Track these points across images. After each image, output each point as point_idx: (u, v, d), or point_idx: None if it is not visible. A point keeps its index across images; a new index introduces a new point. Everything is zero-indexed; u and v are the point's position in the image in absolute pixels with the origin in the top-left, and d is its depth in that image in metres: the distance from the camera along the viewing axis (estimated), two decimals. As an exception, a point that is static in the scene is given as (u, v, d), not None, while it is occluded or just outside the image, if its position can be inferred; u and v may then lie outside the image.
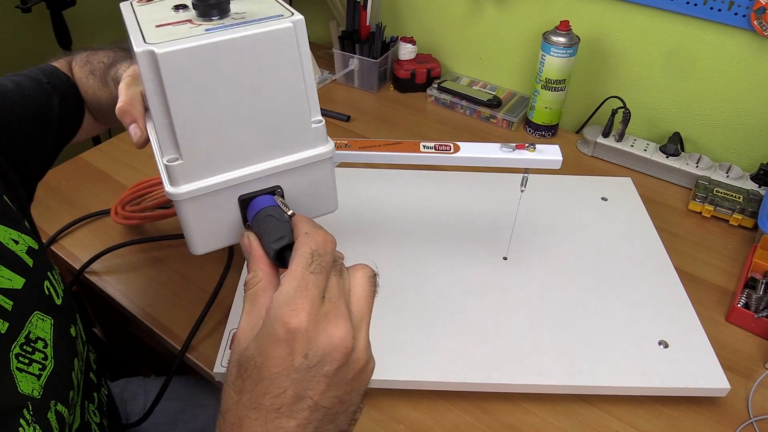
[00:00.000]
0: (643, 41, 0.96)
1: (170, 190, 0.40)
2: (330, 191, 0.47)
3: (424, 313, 0.68)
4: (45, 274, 0.49)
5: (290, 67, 0.40)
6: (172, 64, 0.36)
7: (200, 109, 0.39)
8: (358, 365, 0.34)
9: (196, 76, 0.37)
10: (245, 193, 0.42)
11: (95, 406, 0.57)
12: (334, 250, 0.36)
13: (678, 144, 0.95)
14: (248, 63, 0.38)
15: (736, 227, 0.86)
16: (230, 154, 0.41)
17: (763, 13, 0.82)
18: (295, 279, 0.33)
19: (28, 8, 1.27)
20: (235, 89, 0.39)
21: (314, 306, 0.33)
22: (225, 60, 0.38)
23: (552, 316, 0.68)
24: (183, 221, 0.43)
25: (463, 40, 1.16)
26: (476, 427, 0.60)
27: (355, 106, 1.13)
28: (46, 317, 0.47)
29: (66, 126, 0.65)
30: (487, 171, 0.88)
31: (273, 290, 0.36)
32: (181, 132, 0.39)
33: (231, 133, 0.40)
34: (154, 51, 0.36)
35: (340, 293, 0.35)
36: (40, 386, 0.44)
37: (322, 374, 0.33)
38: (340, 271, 0.36)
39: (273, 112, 0.41)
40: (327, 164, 0.45)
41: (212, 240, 0.44)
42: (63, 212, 0.85)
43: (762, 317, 0.69)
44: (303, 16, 0.40)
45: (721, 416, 0.62)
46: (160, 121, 0.39)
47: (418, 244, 0.77)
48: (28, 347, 0.44)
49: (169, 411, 0.75)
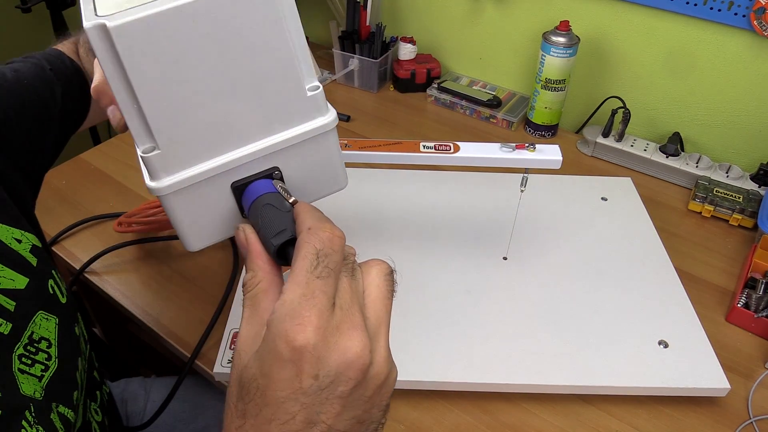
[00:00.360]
0: (643, 41, 0.96)
1: (151, 185, 0.36)
2: (336, 167, 0.40)
3: (424, 313, 0.68)
4: (49, 272, 0.49)
5: (272, 25, 0.33)
6: (129, 39, 0.31)
7: (171, 87, 0.33)
8: (377, 380, 0.30)
9: (160, 48, 0.31)
10: (238, 179, 0.37)
11: (98, 405, 0.57)
12: (342, 247, 0.31)
13: (678, 144, 0.95)
14: (221, 26, 0.32)
15: (736, 227, 0.86)
16: (214, 137, 0.35)
17: (762, 13, 0.82)
18: (299, 286, 0.29)
19: (28, 8, 1.27)
20: (209, 59, 0.33)
21: (323, 317, 0.28)
22: (192, 25, 0.32)
23: (552, 316, 0.68)
24: (171, 217, 0.38)
25: (463, 40, 1.16)
26: (476, 427, 0.60)
27: (355, 106, 1.13)
28: (50, 316, 0.46)
29: (69, 118, 0.61)
30: (487, 171, 0.88)
31: (276, 292, 0.32)
32: (153, 117, 0.33)
33: (212, 111, 0.34)
34: (105, 24, 0.30)
35: (353, 298, 0.30)
36: (41, 388, 0.43)
37: (336, 396, 0.28)
38: (352, 271, 0.32)
39: (258, 82, 0.35)
40: (330, 137, 0.38)
41: (207, 234, 0.39)
42: (63, 212, 0.85)
43: (762, 317, 0.69)
44: None
45: (721, 416, 0.62)
46: (127, 107, 0.33)
47: (418, 244, 0.77)
48: (31, 348, 0.43)
49: (170, 411, 0.75)
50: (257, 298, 0.32)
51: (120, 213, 0.84)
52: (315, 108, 0.37)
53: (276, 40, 0.34)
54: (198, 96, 0.34)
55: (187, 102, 0.34)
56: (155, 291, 0.74)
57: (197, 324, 0.69)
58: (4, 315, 0.42)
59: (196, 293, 0.73)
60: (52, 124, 0.57)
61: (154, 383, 0.81)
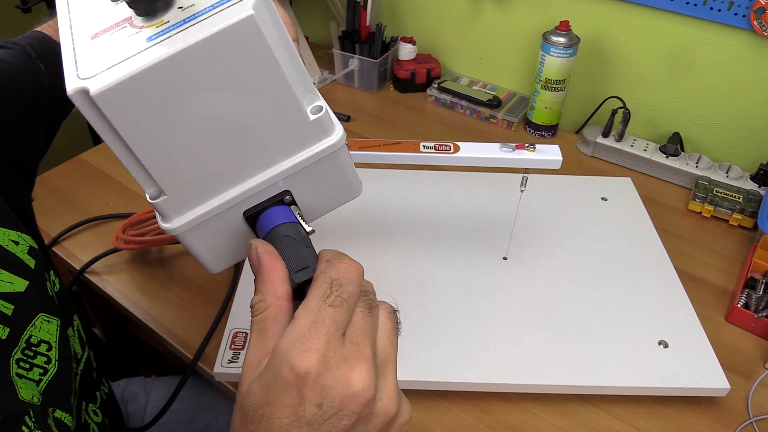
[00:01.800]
0: (643, 41, 0.96)
1: (165, 227, 0.36)
2: (349, 179, 0.39)
3: (424, 313, 0.68)
4: (47, 274, 0.48)
5: (263, 63, 0.31)
6: (115, 101, 0.29)
7: (166, 138, 0.32)
8: (384, 418, 0.29)
9: (148, 105, 0.30)
10: (250, 207, 0.36)
11: (96, 405, 0.56)
12: (360, 280, 0.31)
13: (678, 144, 0.95)
14: (208, 72, 0.30)
15: (736, 227, 0.86)
16: (219, 176, 0.35)
17: (762, 13, 0.82)
18: (311, 312, 0.29)
19: (28, 8, 1.27)
20: (201, 107, 0.31)
21: (329, 346, 0.28)
22: (178, 77, 0.30)
23: (552, 315, 0.68)
24: (189, 250, 0.38)
25: (463, 40, 1.16)
26: (476, 427, 0.60)
27: (355, 106, 1.13)
28: (52, 318, 0.46)
29: (58, 106, 0.58)
30: (487, 171, 0.88)
31: (285, 319, 0.31)
32: (153, 168, 0.33)
33: (212, 155, 0.33)
34: (87, 90, 0.29)
35: (365, 333, 0.30)
36: (39, 392, 0.43)
37: (339, 429, 0.28)
38: (369, 307, 0.31)
39: (257, 121, 0.33)
40: (339, 155, 0.37)
41: (227, 258, 0.39)
42: (63, 212, 0.85)
43: (762, 317, 0.69)
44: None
45: (721, 416, 0.62)
46: (127, 160, 0.32)
47: (418, 244, 0.77)
48: (29, 351, 0.43)
49: (170, 411, 0.75)
50: (265, 324, 0.31)
51: (120, 213, 0.84)
52: (320, 130, 0.35)
53: (269, 77, 0.32)
54: (196, 143, 0.33)
55: (186, 150, 0.33)
56: (155, 291, 0.74)
57: (197, 324, 0.69)
58: (1, 319, 0.41)
59: (196, 293, 0.73)
60: (40, 114, 0.55)
61: (154, 383, 0.81)
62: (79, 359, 0.53)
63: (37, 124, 0.55)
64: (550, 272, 0.74)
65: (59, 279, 0.52)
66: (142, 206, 0.83)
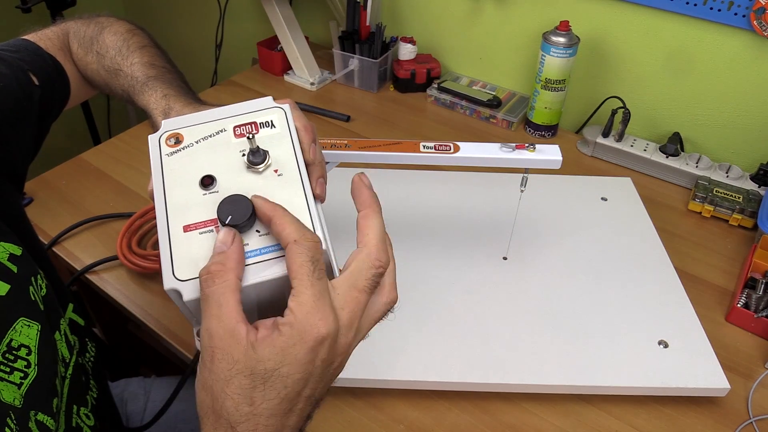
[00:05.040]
0: (643, 41, 0.96)
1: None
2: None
3: (424, 312, 0.68)
4: (32, 278, 0.48)
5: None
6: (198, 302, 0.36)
7: None
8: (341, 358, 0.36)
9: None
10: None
11: (88, 409, 0.56)
12: (320, 250, 0.36)
13: (678, 144, 0.95)
14: (277, 289, 0.37)
15: (736, 227, 0.86)
16: None
17: (762, 13, 0.82)
18: (308, 288, 0.34)
19: (28, 8, 1.28)
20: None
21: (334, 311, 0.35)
22: (256, 292, 0.37)
23: (552, 315, 0.68)
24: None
25: (463, 40, 1.16)
26: (476, 427, 0.60)
27: (355, 106, 1.13)
28: (32, 323, 0.45)
29: (48, 116, 0.59)
30: (487, 171, 0.88)
31: (237, 294, 0.34)
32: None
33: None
34: (180, 293, 0.35)
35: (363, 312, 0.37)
36: (20, 395, 0.42)
37: (330, 375, 0.36)
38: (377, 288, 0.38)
39: None
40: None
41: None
42: (63, 212, 0.85)
43: (762, 317, 0.69)
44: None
45: (721, 416, 0.62)
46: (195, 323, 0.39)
47: (418, 244, 0.77)
48: (9, 355, 0.42)
49: (169, 411, 0.75)
50: (225, 297, 0.34)
51: (120, 213, 0.84)
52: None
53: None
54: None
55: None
56: (155, 291, 0.74)
57: (197, 324, 0.69)
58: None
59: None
60: (30, 125, 0.55)
61: (154, 383, 0.81)
62: (68, 363, 0.52)
63: (27, 135, 0.55)
64: (550, 272, 0.74)
65: (48, 283, 0.51)
66: (142, 206, 0.83)
